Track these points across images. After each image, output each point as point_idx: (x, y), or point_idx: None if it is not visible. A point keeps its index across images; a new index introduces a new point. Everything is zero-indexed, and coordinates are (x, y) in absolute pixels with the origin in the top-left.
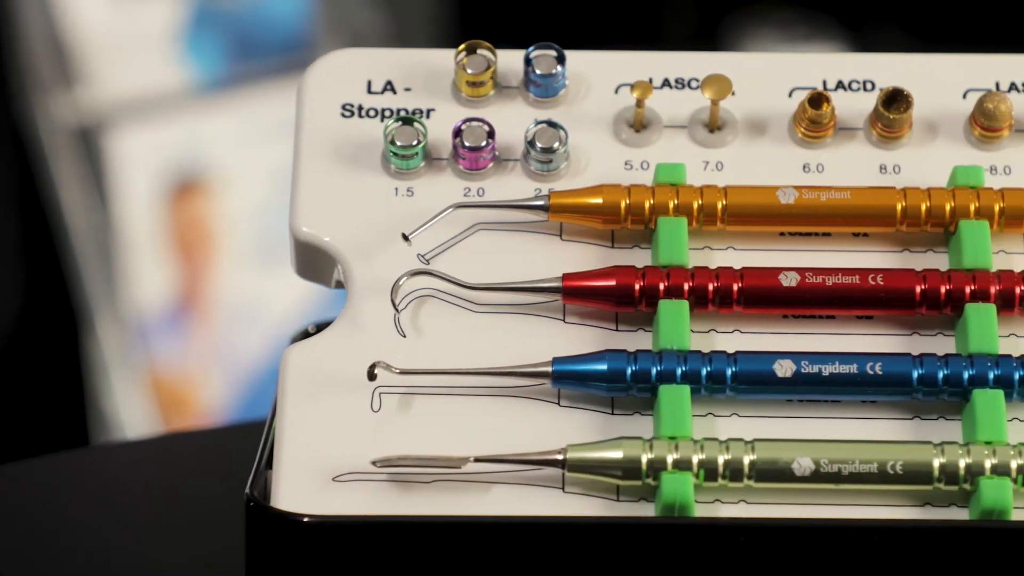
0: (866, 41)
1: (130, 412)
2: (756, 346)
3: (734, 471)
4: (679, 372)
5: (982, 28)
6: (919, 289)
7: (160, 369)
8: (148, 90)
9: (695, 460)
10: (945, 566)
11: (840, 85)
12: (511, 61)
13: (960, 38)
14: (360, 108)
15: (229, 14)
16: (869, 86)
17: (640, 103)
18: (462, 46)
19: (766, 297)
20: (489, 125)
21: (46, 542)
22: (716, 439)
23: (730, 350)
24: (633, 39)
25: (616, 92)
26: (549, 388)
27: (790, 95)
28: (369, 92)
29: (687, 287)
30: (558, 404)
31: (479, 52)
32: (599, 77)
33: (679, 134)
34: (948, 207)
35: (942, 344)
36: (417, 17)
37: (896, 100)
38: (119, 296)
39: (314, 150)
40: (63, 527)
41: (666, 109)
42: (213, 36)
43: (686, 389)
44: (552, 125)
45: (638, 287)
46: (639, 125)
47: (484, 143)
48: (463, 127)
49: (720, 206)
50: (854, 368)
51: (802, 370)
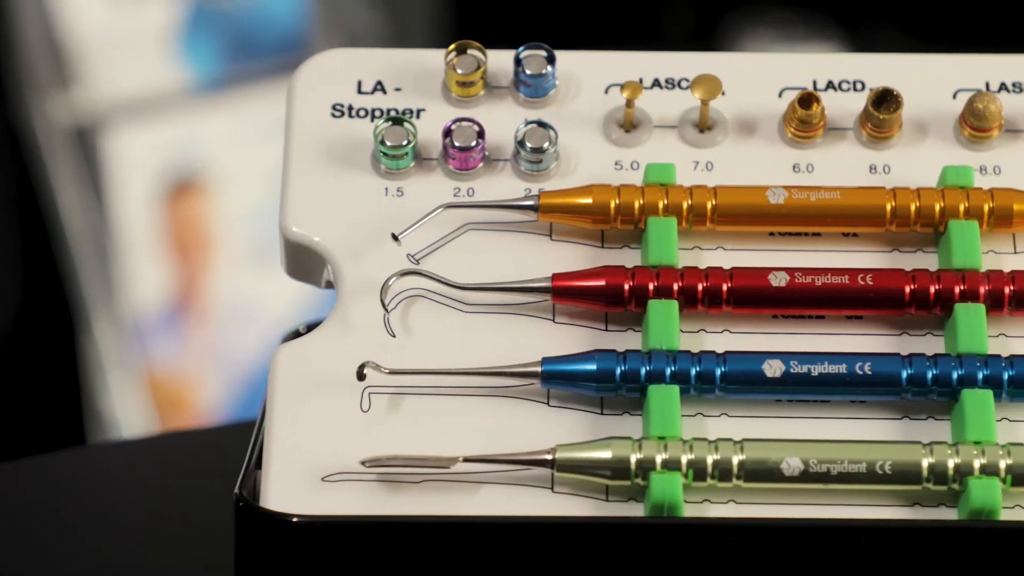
0: (864, 41)
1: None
2: (745, 346)
3: (723, 471)
4: (668, 372)
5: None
6: (908, 289)
7: (157, 369)
8: (145, 90)
9: (684, 460)
10: (934, 566)
11: (830, 85)
12: (501, 61)
13: (958, 38)
14: (350, 108)
15: (226, 14)
16: (859, 86)
17: (630, 103)
18: (452, 46)
19: (755, 297)
20: (479, 125)
21: (42, 540)
22: (705, 439)
23: (719, 350)
24: (631, 39)
25: (606, 92)
26: (538, 388)
27: (780, 95)
28: (359, 92)
29: (676, 287)
30: (547, 404)
31: (469, 52)
32: (589, 77)
33: (669, 134)
34: (937, 207)
35: (931, 344)
36: (414, 17)
37: (886, 100)
38: (116, 296)
39: (304, 150)
40: (59, 526)
41: (656, 109)
42: (210, 36)
43: (675, 389)
44: (542, 125)
45: (627, 287)
46: (629, 125)
47: (474, 143)
48: (453, 127)
49: (710, 206)
50: (843, 368)
51: (791, 370)
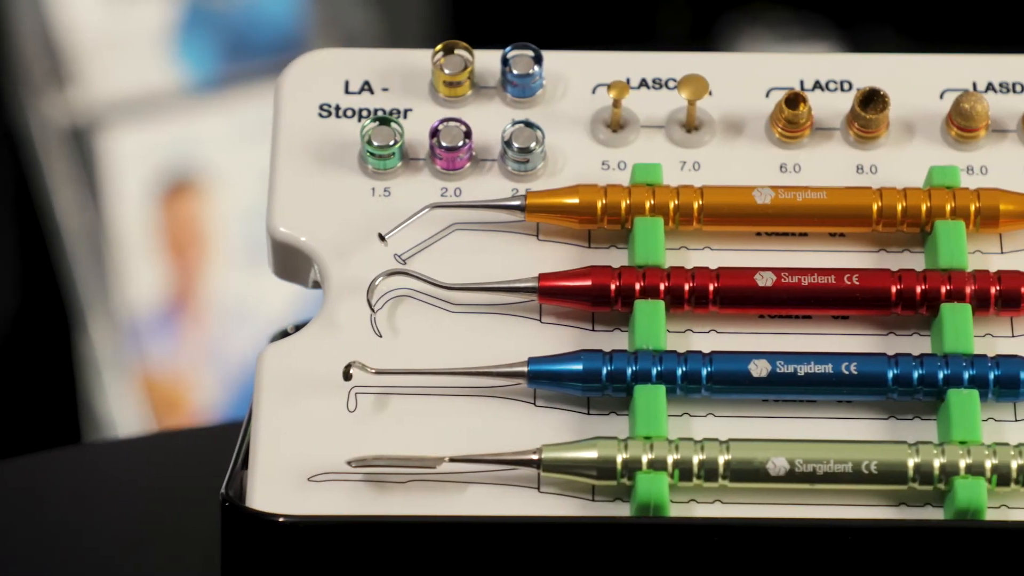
0: (859, 41)
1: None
2: (732, 346)
3: (709, 471)
4: (654, 372)
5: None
6: (895, 289)
7: (152, 368)
8: (141, 90)
9: (670, 460)
10: (920, 566)
11: (817, 85)
12: (488, 61)
13: (955, 38)
14: (337, 108)
15: (221, 14)
16: (846, 86)
17: (617, 103)
18: (439, 46)
19: (742, 297)
20: (466, 125)
21: (37, 539)
22: (691, 439)
23: (706, 350)
24: (627, 39)
25: (593, 92)
26: (525, 388)
27: (767, 95)
28: (346, 92)
29: (663, 287)
30: (534, 404)
31: (456, 52)
32: (576, 77)
33: (656, 134)
34: (924, 207)
35: (918, 344)
36: (410, 17)
37: (873, 100)
38: (112, 295)
39: (291, 150)
40: (54, 524)
41: (643, 109)
42: (206, 36)
43: (661, 389)
44: (529, 125)
45: (614, 287)
46: (616, 125)
47: (461, 143)
48: (440, 127)
49: (696, 206)
50: (829, 368)
51: (777, 370)
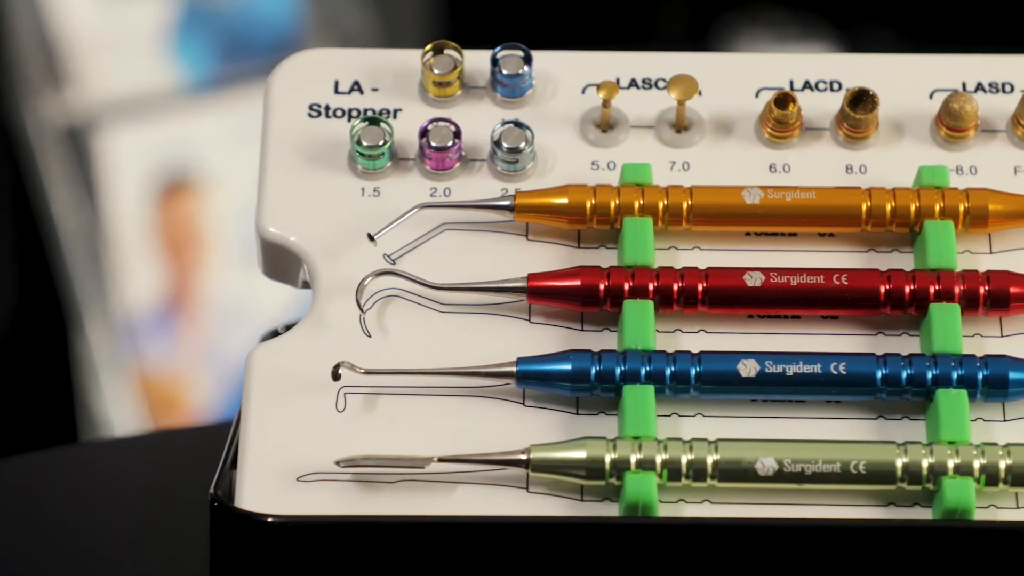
0: (857, 41)
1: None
2: (721, 346)
3: (697, 471)
4: (643, 372)
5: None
6: (883, 289)
7: (148, 368)
8: (137, 90)
9: (659, 460)
10: (908, 566)
11: (807, 85)
12: (478, 61)
13: (952, 38)
14: (327, 108)
15: (218, 14)
16: (836, 86)
17: (607, 103)
18: (428, 46)
19: (731, 297)
20: (455, 125)
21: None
22: (680, 439)
23: (695, 350)
24: (625, 39)
25: (583, 92)
26: (514, 388)
27: (757, 95)
28: (336, 92)
29: (652, 287)
30: (523, 404)
31: (446, 52)
32: (566, 77)
33: (646, 134)
34: (913, 207)
35: (907, 344)
36: (407, 17)
37: (862, 100)
38: (108, 295)
39: (281, 150)
40: (50, 523)
41: (633, 109)
42: (202, 36)
43: (650, 389)
44: (519, 125)
45: (603, 287)
46: (606, 125)
47: (450, 143)
48: (429, 127)
49: (686, 206)
50: (818, 368)
51: (766, 370)
